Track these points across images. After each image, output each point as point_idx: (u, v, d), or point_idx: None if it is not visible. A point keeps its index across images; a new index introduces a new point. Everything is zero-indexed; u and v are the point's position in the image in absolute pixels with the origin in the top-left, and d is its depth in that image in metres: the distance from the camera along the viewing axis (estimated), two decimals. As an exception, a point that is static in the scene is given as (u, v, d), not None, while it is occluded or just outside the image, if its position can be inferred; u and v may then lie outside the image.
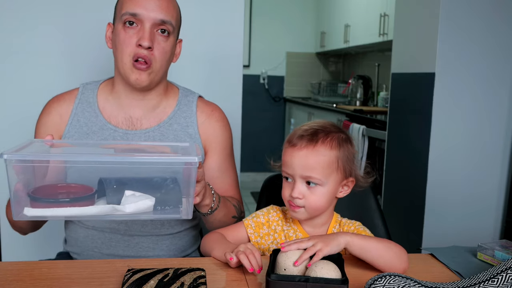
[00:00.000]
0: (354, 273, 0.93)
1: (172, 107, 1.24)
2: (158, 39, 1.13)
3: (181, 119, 1.23)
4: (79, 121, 1.20)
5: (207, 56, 1.81)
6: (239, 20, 1.82)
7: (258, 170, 4.74)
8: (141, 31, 1.10)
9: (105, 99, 1.22)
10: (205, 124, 1.25)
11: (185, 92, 1.28)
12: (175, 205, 0.89)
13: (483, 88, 2.29)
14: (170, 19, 1.13)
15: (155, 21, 1.11)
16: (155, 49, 1.12)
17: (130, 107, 1.20)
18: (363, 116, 3.37)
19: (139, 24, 1.11)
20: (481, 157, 2.34)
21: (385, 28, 3.55)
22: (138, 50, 1.10)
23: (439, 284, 0.83)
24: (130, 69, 1.12)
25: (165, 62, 1.16)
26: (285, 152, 1.03)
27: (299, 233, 1.06)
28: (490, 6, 2.23)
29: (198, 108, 1.26)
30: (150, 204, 0.86)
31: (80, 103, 1.22)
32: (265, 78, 5.15)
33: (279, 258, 0.85)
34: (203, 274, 0.83)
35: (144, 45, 1.09)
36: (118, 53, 1.13)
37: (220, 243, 1.00)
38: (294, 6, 5.10)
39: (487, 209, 2.39)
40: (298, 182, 1.00)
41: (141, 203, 0.85)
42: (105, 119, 1.20)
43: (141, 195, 0.86)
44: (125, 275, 0.84)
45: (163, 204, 0.88)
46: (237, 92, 1.86)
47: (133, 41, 1.10)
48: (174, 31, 1.16)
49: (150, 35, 1.10)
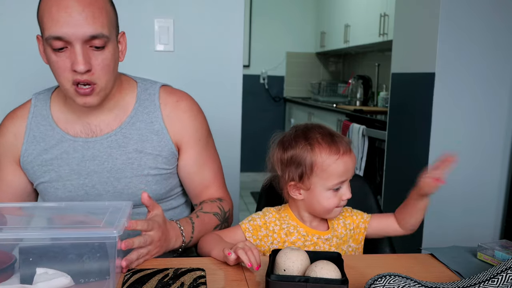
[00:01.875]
0: (354, 273, 0.93)
1: (131, 104, 1.15)
2: (95, 55, 1.00)
3: (144, 116, 1.14)
4: (35, 137, 1.14)
5: (207, 56, 1.81)
6: (239, 20, 1.82)
7: (258, 170, 4.73)
8: (72, 55, 0.98)
9: (58, 110, 1.15)
10: (171, 117, 1.15)
11: (144, 85, 1.18)
12: (101, 276, 0.80)
13: (483, 88, 2.29)
14: (101, 31, 0.99)
15: (84, 39, 0.98)
16: (94, 68, 1.01)
17: (85, 114, 1.12)
18: (363, 116, 3.37)
19: (68, 45, 0.98)
20: (481, 157, 2.34)
21: (385, 28, 3.55)
22: (75, 76, 0.99)
23: (439, 284, 0.83)
24: (74, 94, 1.03)
25: (110, 74, 1.05)
26: (335, 163, 1.01)
27: (300, 228, 1.07)
28: (490, 6, 2.23)
29: (161, 100, 1.16)
30: (66, 282, 0.78)
31: (34, 117, 1.15)
32: (265, 78, 5.15)
33: (279, 259, 0.85)
34: (203, 274, 0.83)
35: (80, 70, 0.98)
36: (57, 77, 1.03)
37: (219, 243, 1.00)
38: (294, 6, 5.10)
39: (487, 209, 2.38)
40: (346, 185, 1.04)
41: (54, 282, 0.78)
42: (62, 130, 1.13)
43: (55, 273, 0.79)
44: (125, 275, 0.84)
45: (86, 276, 0.80)
46: (237, 92, 1.86)
47: (68, 65, 0.99)
48: (111, 37, 1.03)
49: (83, 57, 0.98)
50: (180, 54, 1.82)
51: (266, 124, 5.06)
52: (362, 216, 1.12)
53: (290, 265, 0.84)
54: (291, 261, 0.84)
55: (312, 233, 1.06)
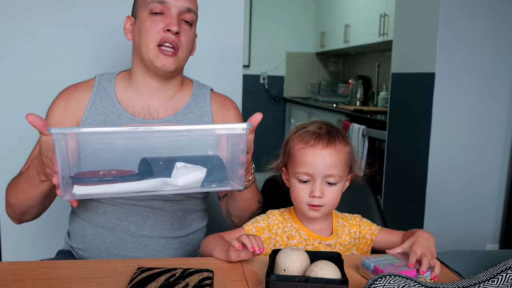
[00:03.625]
0: (354, 273, 0.93)
1: (187, 97, 1.26)
2: (184, 27, 1.16)
3: (196, 109, 1.26)
4: (97, 109, 1.19)
5: (207, 56, 1.81)
6: (239, 20, 1.82)
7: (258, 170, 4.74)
8: (168, 18, 1.13)
9: (122, 89, 1.23)
10: (218, 112, 1.28)
11: (199, 85, 1.31)
12: (220, 181, 0.88)
13: (483, 88, 2.29)
14: (194, 9, 1.18)
15: (182, 9, 1.14)
16: (182, 36, 1.15)
17: (148, 96, 1.21)
18: (363, 116, 3.37)
19: (166, 12, 1.13)
20: (481, 157, 2.34)
21: (385, 28, 3.55)
22: (165, 35, 1.12)
23: (439, 284, 0.83)
24: (157, 54, 1.13)
25: (189, 50, 1.19)
26: (304, 153, 1.02)
27: (302, 231, 1.06)
28: (490, 6, 2.23)
29: (211, 98, 1.29)
30: (202, 175, 0.84)
31: (98, 92, 1.22)
32: (265, 78, 5.15)
33: (279, 259, 0.85)
34: (210, 276, 0.83)
35: (173, 30, 1.12)
36: (143, 40, 1.14)
37: (221, 243, 1.00)
38: (294, 6, 5.10)
39: (487, 209, 2.39)
40: (319, 182, 1.01)
41: (192, 175, 0.83)
42: (122, 107, 1.20)
43: (192, 167, 0.83)
44: (134, 273, 0.83)
45: (209, 180, 0.86)
46: (237, 92, 1.86)
47: (160, 27, 1.13)
48: (195, 22, 1.20)
49: (178, 21, 1.13)
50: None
51: (266, 124, 5.03)
52: (370, 228, 1.11)
53: (290, 265, 0.84)
54: (291, 261, 0.84)
55: (314, 237, 1.06)
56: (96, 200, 1.18)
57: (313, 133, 1.03)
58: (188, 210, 1.24)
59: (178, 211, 1.21)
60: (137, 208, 1.18)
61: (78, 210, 1.21)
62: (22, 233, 1.68)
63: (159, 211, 1.19)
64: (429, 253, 0.91)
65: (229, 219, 1.26)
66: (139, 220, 1.18)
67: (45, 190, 1.02)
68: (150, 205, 1.18)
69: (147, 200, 1.18)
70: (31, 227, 1.64)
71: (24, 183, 1.03)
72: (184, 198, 1.22)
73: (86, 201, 1.20)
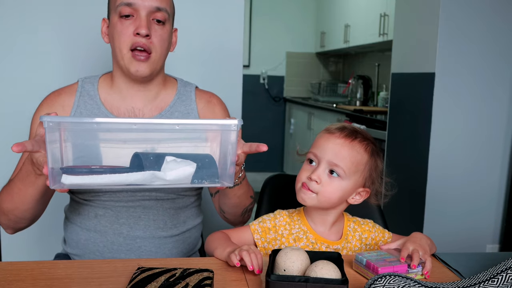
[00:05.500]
0: (354, 273, 0.93)
1: (171, 96, 1.25)
2: (155, 28, 1.13)
3: (182, 107, 1.25)
4: (81, 113, 1.19)
5: (207, 56, 1.81)
6: (239, 20, 1.82)
7: (258, 170, 4.74)
8: (137, 20, 1.11)
9: (106, 92, 1.22)
10: (205, 109, 1.27)
11: (183, 83, 1.30)
12: (210, 178, 0.88)
13: (483, 88, 2.29)
14: (165, 6, 1.14)
15: (150, 9, 1.11)
16: (153, 37, 1.12)
17: (131, 98, 1.20)
18: (363, 116, 3.37)
19: (135, 14, 1.11)
20: (481, 156, 2.34)
21: (385, 28, 3.55)
22: (136, 39, 1.11)
23: (439, 284, 0.83)
24: (130, 60, 1.12)
25: (164, 50, 1.16)
26: (321, 137, 1.04)
27: (309, 234, 1.05)
28: (490, 6, 2.23)
29: (196, 96, 1.28)
30: (192, 170, 0.84)
31: (81, 96, 1.21)
32: (265, 78, 5.15)
33: (279, 259, 0.85)
34: (210, 276, 0.83)
35: (142, 33, 1.10)
36: (116, 45, 1.13)
37: (224, 243, 1.00)
38: (294, 6, 5.10)
39: (487, 209, 2.39)
40: (322, 167, 1.01)
41: (182, 170, 0.83)
42: (107, 110, 1.19)
43: (182, 161, 0.83)
44: (134, 273, 0.83)
45: (199, 177, 0.86)
46: (237, 92, 1.86)
47: (130, 31, 1.11)
48: (169, 18, 1.17)
49: (147, 23, 1.11)
50: (180, 54, 1.81)
51: (266, 124, 5.06)
52: (383, 235, 1.10)
53: (290, 265, 0.84)
54: (291, 261, 0.84)
55: (321, 241, 1.05)
56: (87, 204, 1.18)
57: (339, 126, 1.06)
58: (181, 208, 1.23)
59: (170, 209, 1.21)
60: (128, 209, 1.17)
61: (71, 215, 1.21)
62: (20, 238, 1.68)
63: (151, 210, 1.18)
64: (421, 249, 0.92)
65: (222, 215, 1.26)
66: (131, 221, 1.17)
67: (41, 186, 1.01)
68: (141, 205, 1.17)
69: (137, 201, 1.17)
70: (29, 233, 1.63)
71: (19, 183, 1.02)
72: (175, 196, 1.21)
73: (78, 205, 1.19)
